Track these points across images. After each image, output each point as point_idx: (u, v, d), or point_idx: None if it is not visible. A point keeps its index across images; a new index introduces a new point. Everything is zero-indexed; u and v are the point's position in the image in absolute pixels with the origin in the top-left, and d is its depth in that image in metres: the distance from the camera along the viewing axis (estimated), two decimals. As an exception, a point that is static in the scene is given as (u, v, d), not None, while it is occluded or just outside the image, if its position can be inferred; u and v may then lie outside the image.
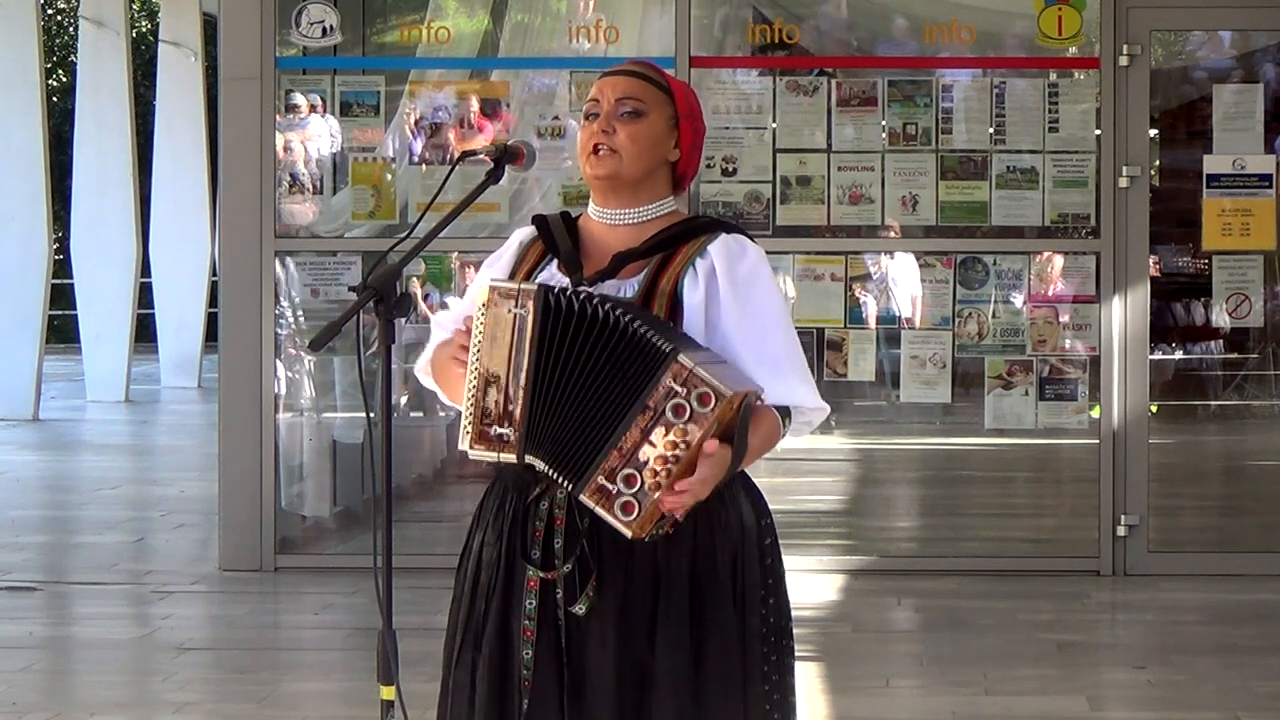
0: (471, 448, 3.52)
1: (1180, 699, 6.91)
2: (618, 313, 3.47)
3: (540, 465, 3.51)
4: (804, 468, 10.08)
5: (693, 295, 3.62)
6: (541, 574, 3.58)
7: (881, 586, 8.83)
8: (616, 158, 3.67)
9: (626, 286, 3.63)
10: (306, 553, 9.39)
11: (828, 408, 3.71)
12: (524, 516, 3.61)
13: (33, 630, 8.19)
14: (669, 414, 3.41)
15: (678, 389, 3.40)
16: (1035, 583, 8.87)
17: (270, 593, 8.89)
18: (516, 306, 3.49)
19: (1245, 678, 7.15)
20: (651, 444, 3.41)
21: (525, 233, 3.81)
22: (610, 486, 3.42)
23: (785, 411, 3.65)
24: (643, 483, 3.41)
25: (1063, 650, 7.61)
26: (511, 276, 3.71)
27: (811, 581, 8.87)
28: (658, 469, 3.40)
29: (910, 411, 9.67)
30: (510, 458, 3.52)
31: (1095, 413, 9.10)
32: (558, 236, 3.73)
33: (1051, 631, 7.95)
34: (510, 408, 3.49)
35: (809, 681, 7.01)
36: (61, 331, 24.14)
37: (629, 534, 3.44)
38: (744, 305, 3.64)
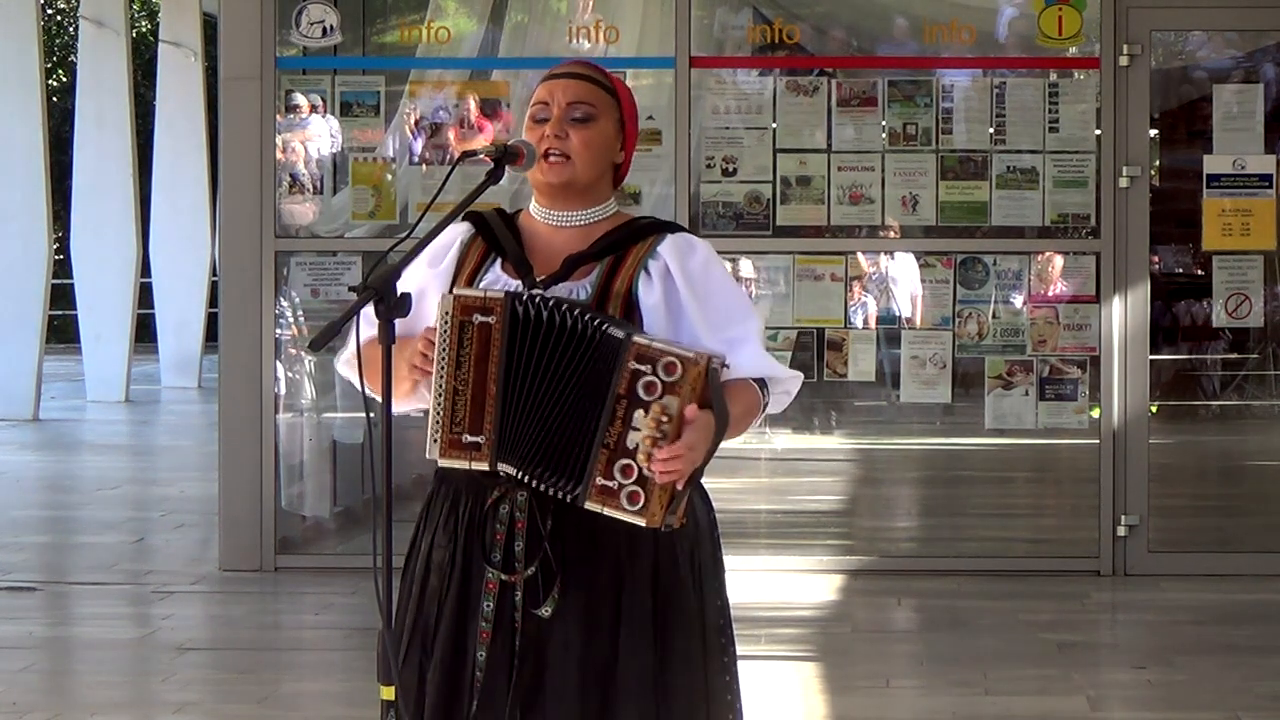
0: (442, 456, 3.53)
1: (1180, 699, 6.92)
2: (586, 318, 3.48)
3: (512, 471, 3.51)
4: (804, 468, 10.08)
5: (649, 296, 3.63)
6: (503, 577, 3.58)
7: (881, 586, 8.83)
8: (570, 164, 3.66)
9: (579, 289, 3.64)
10: (306, 553, 9.38)
11: (801, 375, 3.73)
12: (482, 520, 3.61)
13: (33, 630, 8.20)
14: (641, 393, 3.43)
15: (642, 369, 3.42)
16: (1035, 583, 8.87)
17: (270, 593, 8.89)
18: (483, 315, 3.49)
19: (1245, 678, 7.16)
20: (635, 429, 3.42)
21: (463, 231, 3.78)
22: (610, 483, 3.43)
23: (762, 385, 3.66)
24: (639, 468, 3.42)
25: (1063, 650, 7.61)
26: (455, 277, 3.70)
27: (811, 581, 8.88)
28: (648, 447, 3.41)
29: (910, 411, 9.66)
30: (482, 465, 3.52)
31: (1095, 413, 9.10)
32: (501, 237, 3.72)
33: (1051, 631, 7.95)
34: (480, 416, 3.50)
35: (809, 681, 7.01)
36: (61, 331, 24.13)
37: (644, 523, 3.45)
38: (703, 297, 3.65)
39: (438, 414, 3.52)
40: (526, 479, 3.51)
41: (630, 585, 3.57)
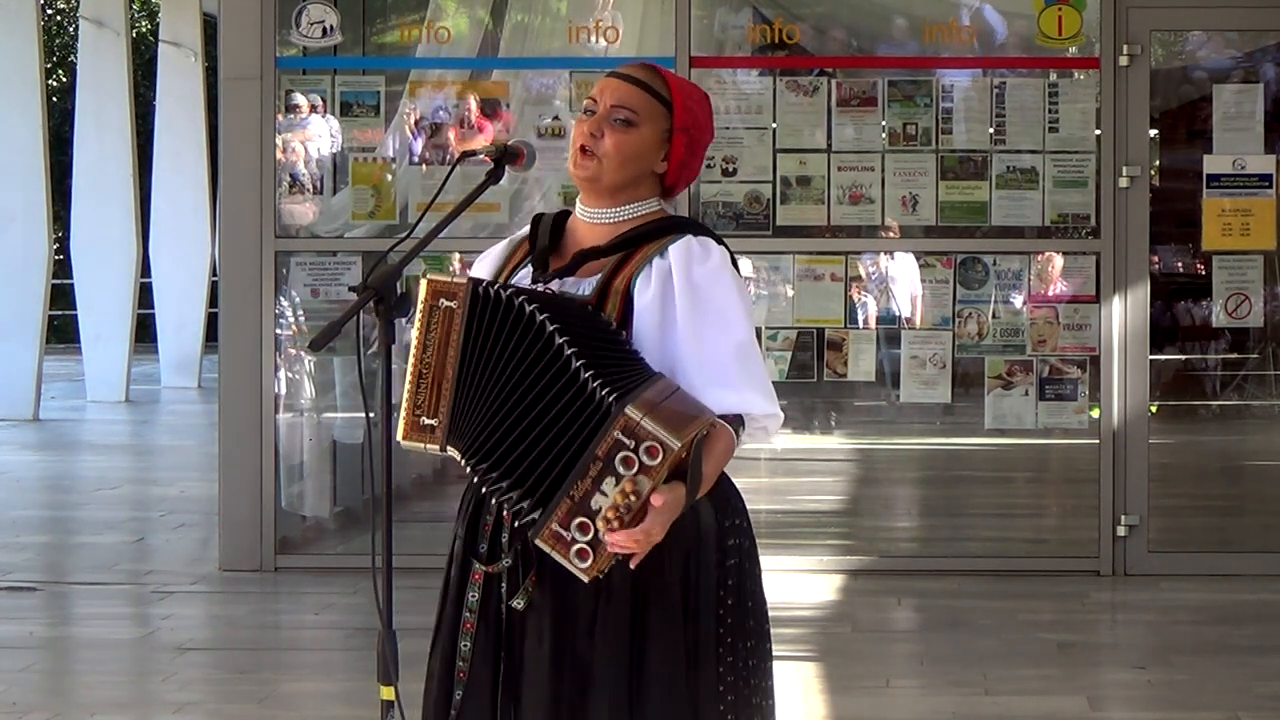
0: (404, 438, 3.55)
1: (1180, 699, 6.92)
2: (543, 316, 3.46)
3: (455, 456, 3.52)
4: (804, 468, 10.09)
5: (643, 295, 3.62)
6: (484, 567, 3.61)
7: (881, 586, 8.83)
8: (597, 163, 3.67)
9: (584, 284, 3.64)
10: (306, 553, 9.39)
11: (781, 414, 3.66)
12: (477, 511, 3.65)
13: (33, 630, 8.20)
14: (618, 465, 3.42)
15: (625, 441, 3.41)
16: (1035, 583, 8.87)
17: (270, 593, 8.89)
18: (449, 300, 3.51)
19: (1245, 678, 7.16)
20: (603, 493, 3.43)
21: (522, 231, 3.85)
22: (565, 534, 3.45)
23: (738, 419, 3.61)
24: (596, 531, 3.44)
25: (1063, 650, 7.61)
26: (498, 274, 3.74)
27: (811, 581, 8.88)
28: (610, 518, 3.42)
29: (910, 411, 9.66)
30: (434, 448, 3.54)
31: (1095, 413, 9.10)
32: (540, 234, 3.76)
33: (1051, 631, 7.96)
34: (437, 399, 3.52)
35: (809, 681, 7.00)
36: (61, 331, 24.14)
37: (585, 579, 3.48)
38: (699, 308, 3.61)
39: (406, 396, 3.55)
40: (467, 467, 3.52)
41: (608, 584, 3.56)
